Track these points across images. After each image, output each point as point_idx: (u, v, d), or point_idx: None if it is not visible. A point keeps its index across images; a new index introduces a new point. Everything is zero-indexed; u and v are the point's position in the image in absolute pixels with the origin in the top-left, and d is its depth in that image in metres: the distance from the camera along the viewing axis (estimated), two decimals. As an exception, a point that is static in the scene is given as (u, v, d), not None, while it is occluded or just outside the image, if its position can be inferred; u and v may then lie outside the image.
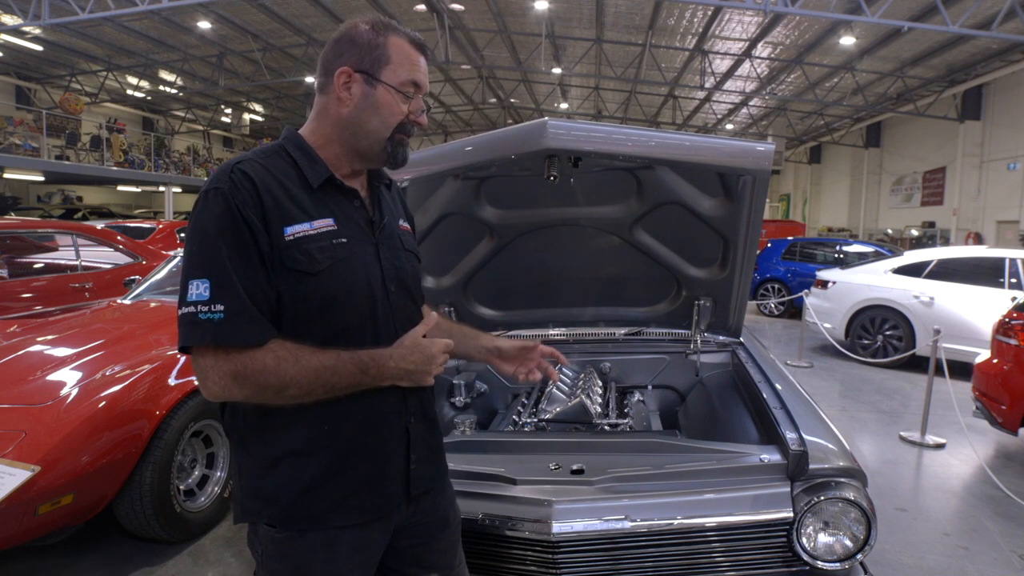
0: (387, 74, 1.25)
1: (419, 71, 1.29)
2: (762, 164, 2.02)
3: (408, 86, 1.27)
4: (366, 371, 1.19)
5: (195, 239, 1.15)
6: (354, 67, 1.25)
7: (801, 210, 29.68)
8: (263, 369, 1.12)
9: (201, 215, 1.16)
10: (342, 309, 1.22)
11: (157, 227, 9.61)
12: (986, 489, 3.93)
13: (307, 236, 1.19)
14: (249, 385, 1.12)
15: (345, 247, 1.24)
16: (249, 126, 28.71)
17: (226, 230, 1.13)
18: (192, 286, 1.12)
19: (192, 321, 1.11)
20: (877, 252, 10.71)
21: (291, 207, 1.20)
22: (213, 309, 1.11)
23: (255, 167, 1.20)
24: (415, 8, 15.04)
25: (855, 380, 6.75)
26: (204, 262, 1.13)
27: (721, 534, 1.68)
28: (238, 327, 1.11)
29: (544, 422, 2.48)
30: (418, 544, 1.39)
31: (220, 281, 1.12)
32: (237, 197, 1.14)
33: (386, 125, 1.26)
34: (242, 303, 1.12)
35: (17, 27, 14.07)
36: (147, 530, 2.87)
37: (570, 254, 2.81)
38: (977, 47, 14.81)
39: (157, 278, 4.55)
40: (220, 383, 1.12)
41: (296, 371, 1.13)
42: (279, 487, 1.21)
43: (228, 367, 1.12)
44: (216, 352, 1.12)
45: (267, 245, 1.16)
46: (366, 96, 1.25)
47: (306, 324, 1.19)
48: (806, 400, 2.21)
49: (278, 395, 1.14)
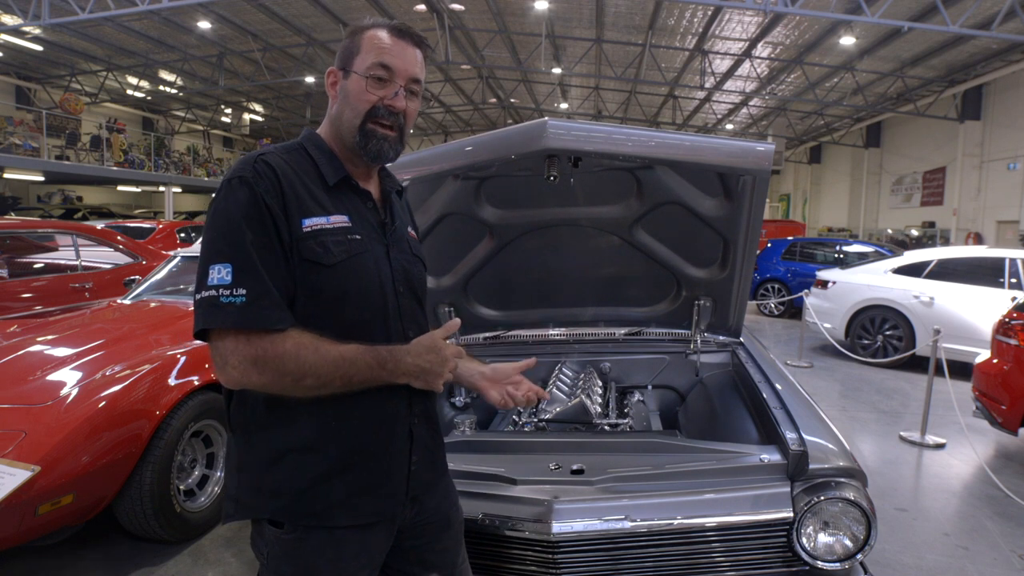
0: (357, 63, 1.27)
1: (387, 52, 1.26)
2: (762, 164, 2.02)
3: (377, 69, 1.25)
4: (383, 365, 1.18)
5: (217, 225, 1.16)
6: (337, 66, 1.30)
7: (801, 210, 29.68)
8: (283, 355, 1.11)
9: (224, 202, 1.16)
10: (354, 304, 1.23)
11: (157, 227, 9.63)
12: (986, 489, 3.93)
13: (324, 229, 1.21)
14: (269, 371, 1.12)
15: (359, 243, 1.25)
16: (249, 126, 28.71)
17: (250, 216, 1.15)
18: (213, 270, 1.12)
19: (213, 304, 1.11)
20: (877, 252, 10.72)
21: (309, 201, 1.22)
22: (235, 292, 1.11)
23: (277, 160, 1.22)
24: (415, 8, 15.05)
25: (855, 380, 6.75)
26: (226, 247, 1.14)
27: (721, 534, 1.68)
28: (261, 311, 1.11)
29: (544, 422, 2.48)
30: (421, 544, 1.39)
31: (243, 266, 1.12)
32: (260, 185, 1.16)
33: (356, 113, 1.26)
34: (265, 287, 1.13)
35: (17, 27, 14.08)
36: (147, 530, 2.88)
37: (570, 254, 2.81)
38: (977, 47, 14.81)
39: (157, 278, 4.55)
40: (240, 368, 1.12)
41: (316, 359, 1.13)
42: (283, 482, 1.21)
43: (249, 351, 1.11)
44: (237, 336, 1.12)
45: (287, 235, 1.17)
46: (342, 89, 1.29)
47: (317, 318, 1.20)
48: (806, 400, 2.20)
49: (296, 384, 1.14)
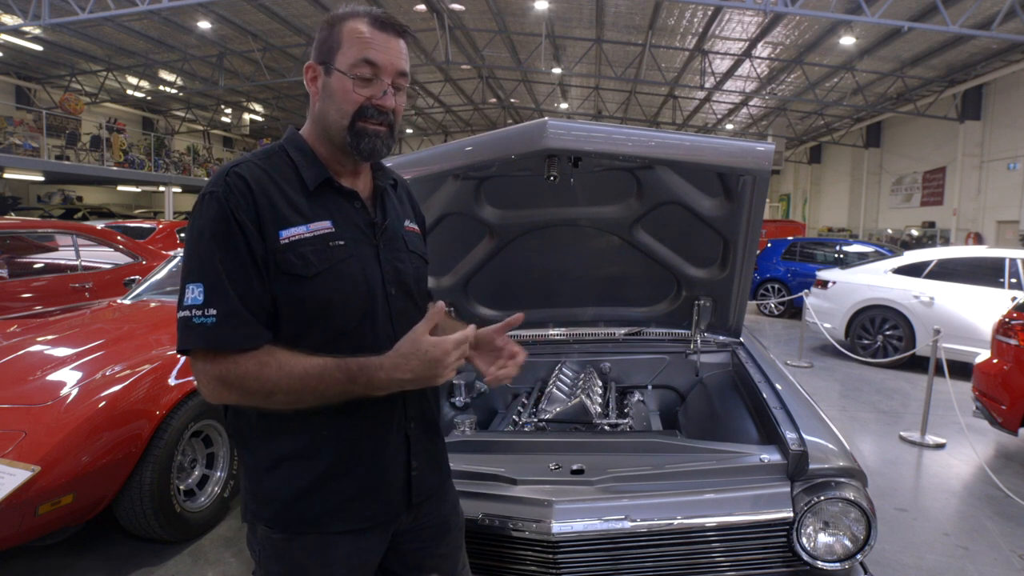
0: (339, 59, 1.20)
1: (372, 48, 1.19)
2: (762, 164, 2.02)
3: (361, 66, 1.19)
4: (354, 380, 1.13)
5: (191, 243, 1.16)
6: (316, 60, 1.23)
7: (801, 210, 29.68)
8: (245, 375, 1.12)
9: (197, 219, 1.16)
10: (339, 312, 1.21)
11: (157, 227, 9.61)
12: (986, 489, 3.93)
13: (302, 239, 1.18)
14: (235, 390, 1.13)
15: (343, 249, 1.22)
16: (249, 126, 28.70)
17: (218, 234, 1.13)
18: (188, 290, 1.13)
19: (187, 325, 1.12)
20: (877, 252, 10.72)
21: (287, 210, 1.18)
22: (206, 313, 1.11)
23: (252, 169, 1.19)
24: (415, 8, 15.05)
25: (855, 380, 6.74)
26: (199, 266, 1.13)
27: (721, 534, 1.68)
28: (228, 332, 1.11)
29: (544, 422, 2.48)
30: (419, 548, 1.38)
31: (213, 285, 1.12)
32: (231, 200, 1.14)
33: (342, 113, 1.20)
34: (233, 307, 1.12)
35: (17, 27, 14.08)
36: (147, 530, 2.87)
37: (570, 254, 2.81)
38: (977, 47, 14.81)
39: (157, 278, 4.55)
40: (209, 386, 1.14)
41: (279, 377, 1.12)
42: (276, 489, 1.21)
43: (214, 371, 1.12)
44: (205, 356, 1.13)
45: (261, 248, 1.15)
46: (324, 87, 1.23)
47: (303, 327, 1.19)
48: (806, 400, 2.20)
49: (266, 400, 1.14)
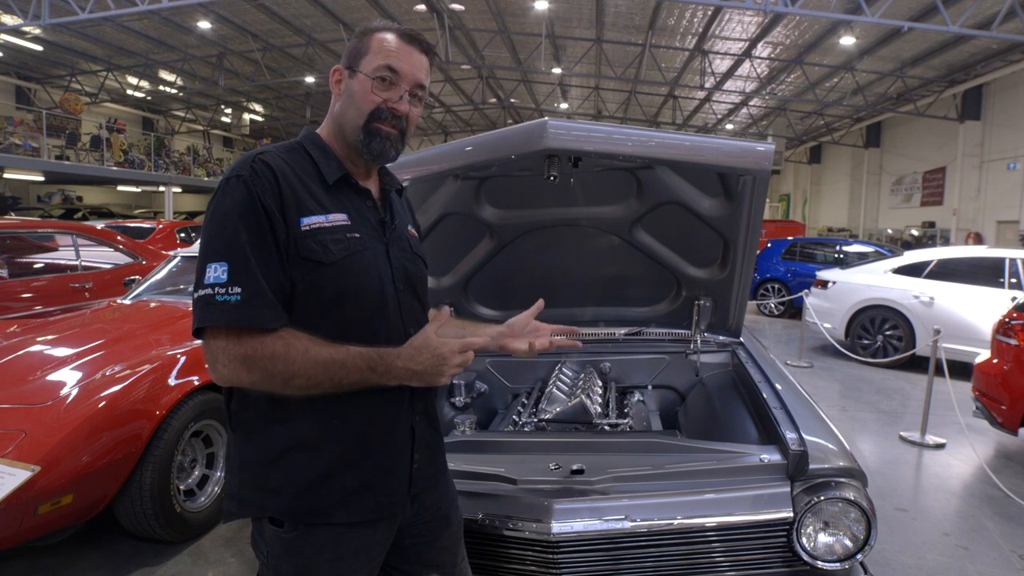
0: (364, 64, 1.28)
1: (395, 56, 1.27)
2: (762, 164, 2.01)
3: (383, 71, 1.27)
4: (374, 368, 1.18)
5: (215, 224, 1.17)
6: (343, 65, 1.32)
7: (801, 210, 29.67)
8: (272, 355, 1.12)
9: (222, 201, 1.18)
10: (353, 302, 1.24)
11: (157, 227, 9.62)
12: (986, 489, 3.93)
13: (322, 227, 1.22)
14: (257, 370, 1.13)
15: (358, 241, 1.26)
16: (249, 126, 28.70)
17: (246, 216, 1.16)
18: (210, 269, 1.14)
19: (208, 302, 1.12)
20: (877, 252, 10.72)
21: (308, 199, 1.22)
22: (230, 291, 1.12)
23: (275, 159, 1.23)
24: (415, 8, 15.04)
25: (855, 380, 6.75)
26: (223, 246, 1.15)
27: (721, 534, 1.68)
28: (253, 310, 1.13)
29: (544, 422, 2.48)
30: (420, 542, 1.40)
31: (238, 265, 1.13)
32: (258, 185, 1.17)
33: (359, 112, 1.28)
34: (259, 287, 1.14)
35: (17, 27, 14.07)
36: (147, 530, 2.88)
37: (570, 254, 2.81)
38: (977, 47, 14.80)
39: (157, 278, 4.55)
40: (229, 366, 1.13)
41: (304, 361, 1.13)
42: (284, 480, 1.21)
43: (239, 350, 1.12)
44: (228, 335, 1.13)
45: (284, 234, 1.18)
46: (347, 88, 1.30)
47: (317, 316, 1.20)
48: (806, 400, 2.20)
49: (285, 384, 1.14)
